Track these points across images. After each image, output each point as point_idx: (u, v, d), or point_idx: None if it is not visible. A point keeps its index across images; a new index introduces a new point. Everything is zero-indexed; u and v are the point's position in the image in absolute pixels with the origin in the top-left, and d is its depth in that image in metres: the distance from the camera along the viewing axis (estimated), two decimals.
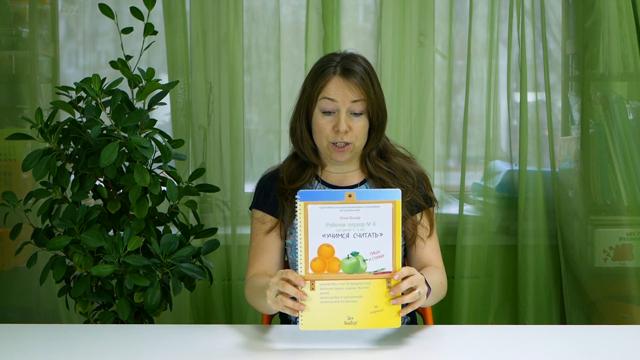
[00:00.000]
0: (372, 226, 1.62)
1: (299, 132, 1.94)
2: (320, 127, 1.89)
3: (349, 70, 1.88)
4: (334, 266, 1.62)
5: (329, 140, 1.89)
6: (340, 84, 1.87)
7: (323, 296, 1.62)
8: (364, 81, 1.88)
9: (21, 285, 2.71)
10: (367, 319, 1.62)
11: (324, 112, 1.89)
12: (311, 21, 2.67)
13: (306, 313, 1.63)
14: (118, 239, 1.99)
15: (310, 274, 1.62)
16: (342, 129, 1.86)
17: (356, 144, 1.90)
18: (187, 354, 1.63)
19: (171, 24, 2.66)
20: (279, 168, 2.03)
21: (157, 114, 2.23)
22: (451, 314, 2.70)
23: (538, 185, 2.69)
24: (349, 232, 1.61)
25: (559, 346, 1.68)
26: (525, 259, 2.69)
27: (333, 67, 1.90)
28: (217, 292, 2.68)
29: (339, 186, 1.98)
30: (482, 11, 2.71)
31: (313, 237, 1.62)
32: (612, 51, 2.57)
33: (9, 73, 2.73)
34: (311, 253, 1.62)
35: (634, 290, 2.59)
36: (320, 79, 1.89)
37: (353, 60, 1.91)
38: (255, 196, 2.02)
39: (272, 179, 2.01)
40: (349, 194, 1.61)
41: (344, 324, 1.62)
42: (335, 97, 1.87)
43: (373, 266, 1.62)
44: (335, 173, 1.99)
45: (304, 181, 1.97)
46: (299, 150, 1.97)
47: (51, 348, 1.68)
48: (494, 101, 2.70)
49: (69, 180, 2.12)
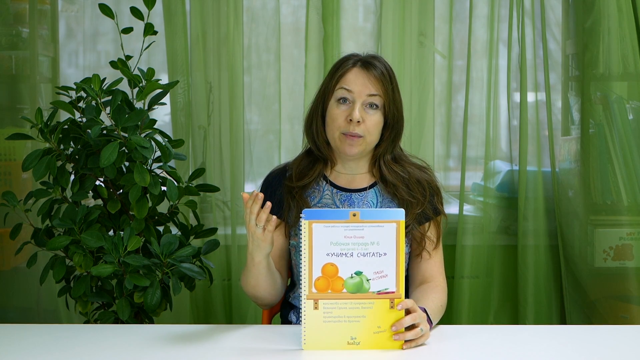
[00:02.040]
0: (376, 246, 1.62)
1: (315, 125, 1.93)
2: (333, 117, 1.89)
3: (369, 64, 1.89)
4: (338, 285, 1.62)
5: (341, 130, 1.88)
6: (359, 74, 1.88)
7: (326, 315, 1.63)
8: (384, 76, 1.89)
9: (21, 285, 2.71)
10: (370, 339, 1.62)
11: (339, 101, 1.88)
12: (311, 21, 2.67)
13: (309, 332, 1.63)
14: (118, 239, 1.99)
15: (313, 292, 1.63)
16: (355, 117, 1.85)
17: (368, 138, 1.89)
18: (187, 354, 1.62)
19: (171, 24, 2.66)
20: (288, 165, 2.02)
21: (157, 114, 2.23)
22: (451, 314, 2.70)
23: (538, 185, 2.69)
24: (353, 251, 1.62)
25: (559, 346, 1.68)
26: (525, 259, 2.69)
27: (353, 61, 1.91)
28: (217, 292, 2.68)
29: (347, 188, 1.97)
30: (482, 11, 2.71)
31: (317, 255, 1.62)
32: (612, 51, 2.57)
33: (9, 73, 2.73)
34: (315, 272, 1.63)
35: (634, 290, 2.59)
36: (339, 70, 1.90)
37: (375, 57, 1.93)
38: (261, 189, 2.01)
39: (280, 176, 2.00)
40: (353, 213, 1.62)
41: (347, 344, 1.63)
42: (352, 88, 1.87)
43: (377, 286, 1.62)
44: (344, 174, 1.98)
45: (312, 178, 1.96)
46: (314, 145, 1.96)
47: (51, 348, 1.67)
48: (494, 101, 2.70)
49: (69, 180, 2.12)
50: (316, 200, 1.96)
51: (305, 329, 1.63)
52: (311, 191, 1.96)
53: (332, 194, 1.96)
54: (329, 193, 1.96)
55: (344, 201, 1.95)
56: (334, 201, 1.95)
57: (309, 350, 1.63)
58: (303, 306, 1.63)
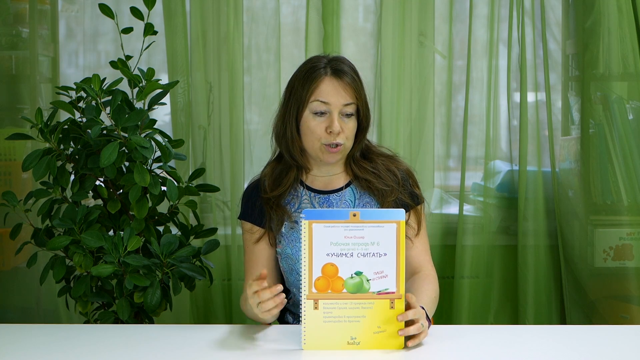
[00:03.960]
0: (376, 246, 1.62)
1: (289, 134, 1.91)
2: (311, 129, 1.88)
3: (340, 71, 1.89)
4: (338, 285, 1.62)
5: (322, 141, 1.88)
6: (333, 85, 1.87)
7: (326, 315, 1.63)
8: (355, 81, 1.89)
9: (21, 285, 2.71)
10: (370, 339, 1.62)
11: (316, 114, 1.88)
12: (311, 21, 2.67)
13: (309, 332, 1.63)
14: (118, 239, 1.99)
15: (313, 292, 1.62)
16: (336, 130, 1.86)
17: (346, 144, 1.90)
18: (187, 354, 1.63)
19: (171, 24, 2.66)
20: (261, 178, 2.01)
21: (157, 114, 2.23)
22: (451, 314, 2.70)
23: (538, 185, 2.69)
24: (353, 251, 1.62)
25: (559, 346, 1.68)
26: (525, 259, 2.69)
27: (323, 68, 1.89)
28: (217, 292, 2.68)
29: (324, 191, 1.97)
30: (482, 11, 2.71)
31: (317, 256, 1.62)
32: (612, 51, 2.57)
33: (9, 73, 2.73)
34: (315, 272, 1.62)
35: (634, 290, 2.59)
36: (311, 80, 1.89)
37: (341, 61, 1.92)
38: (242, 207, 2.01)
39: (256, 188, 1.99)
40: (353, 213, 1.61)
41: (347, 344, 1.63)
42: (328, 100, 1.87)
43: (377, 286, 1.62)
44: (320, 177, 1.98)
45: (287, 186, 1.95)
46: (288, 153, 1.94)
47: (51, 348, 1.68)
48: (494, 101, 2.70)
49: (69, 180, 2.12)
50: (295, 206, 1.96)
51: (305, 329, 1.63)
52: (290, 198, 1.96)
53: (310, 197, 1.96)
54: (307, 197, 1.96)
55: (322, 203, 1.96)
56: (313, 205, 1.95)
57: (309, 350, 1.63)
58: (303, 306, 1.63)
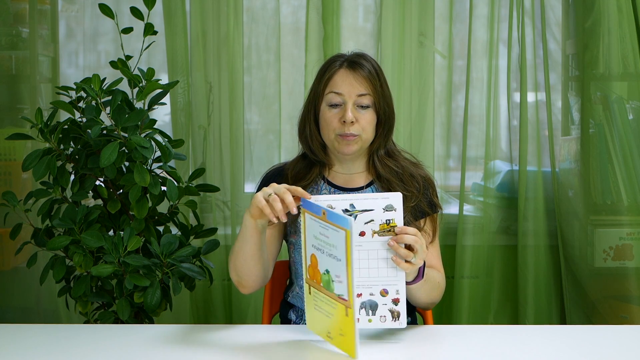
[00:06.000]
0: (335, 249, 1.53)
1: (308, 129, 1.94)
2: (327, 121, 1.89)
3: (356, 63, 1.90)
4: (318, 277, 1.61)
5: (336, 132, 1.88)
6: (346, 76, 1.89)
7: (315, 303, 1.63)
8: (371, 74, 1.89)
9: (21, 285, 2.71)
10: (337, 339, 1.58)
11: (331, 106, 1.89)
12: (311, 21, 2.68)
13: (309, 314, 1.65)
14: (118, 239, 1.99)
15: (307, 278, 1.64)
16: (349, 118, 1.86)
17: (363, 136, 1.90)
18: (187, 354, 1.63)
19: (171, 24, 2.66)
20: (285, 166, 2.02)
21: (157, 114, 2.23)
22: (451, 314, 2.70)
23: (538, 185, 2.69)
24: (324, 249, 1.57)
25: (559, 346, 1.68)
26: (525, 259, 2.69)
27: (339, 62, 1.92)
28: (217, 292, 2.68)
29: (344, 187, 1.97)
30: (482, 11, 2.71)
31: (308, 244, 1.62)
32: (612, 51, 2.57)
33: (9, 73, 2.73)
34: (308, 259, 1.63)
35: (634, 290, 2.59)
36: (327, 73, 1.91)
37: (361, 56, 1.94)
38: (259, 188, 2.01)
39: (278, 174, 2.00)
40: (324, 210, 1.54)
41: (327, 337, 1.61)
42: (341, 91, 1.88)
43: (337, 289, 1.55)
44: (342, 173, 1.98)
45: (310, 181, 1.96)
46: (308, 149, 1.97)
47: (51, 348, 1.68)
48: (494, 101, 2.70)
49: (69, 180, 2.12)
50: None
51: (307, 310, 1.65)
52: (310, 191, 1.96)
53: (329, 192, 1.97)
54: (326, 192, 1.97)
55: None
56: None
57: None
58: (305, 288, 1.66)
